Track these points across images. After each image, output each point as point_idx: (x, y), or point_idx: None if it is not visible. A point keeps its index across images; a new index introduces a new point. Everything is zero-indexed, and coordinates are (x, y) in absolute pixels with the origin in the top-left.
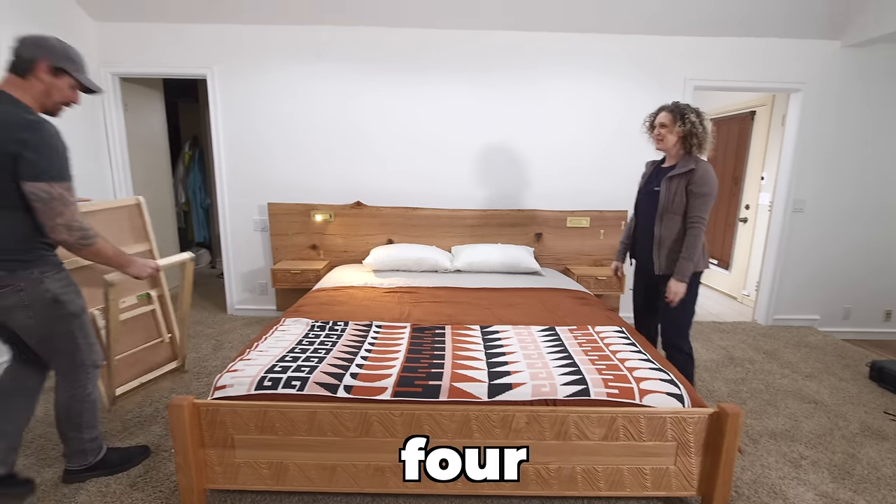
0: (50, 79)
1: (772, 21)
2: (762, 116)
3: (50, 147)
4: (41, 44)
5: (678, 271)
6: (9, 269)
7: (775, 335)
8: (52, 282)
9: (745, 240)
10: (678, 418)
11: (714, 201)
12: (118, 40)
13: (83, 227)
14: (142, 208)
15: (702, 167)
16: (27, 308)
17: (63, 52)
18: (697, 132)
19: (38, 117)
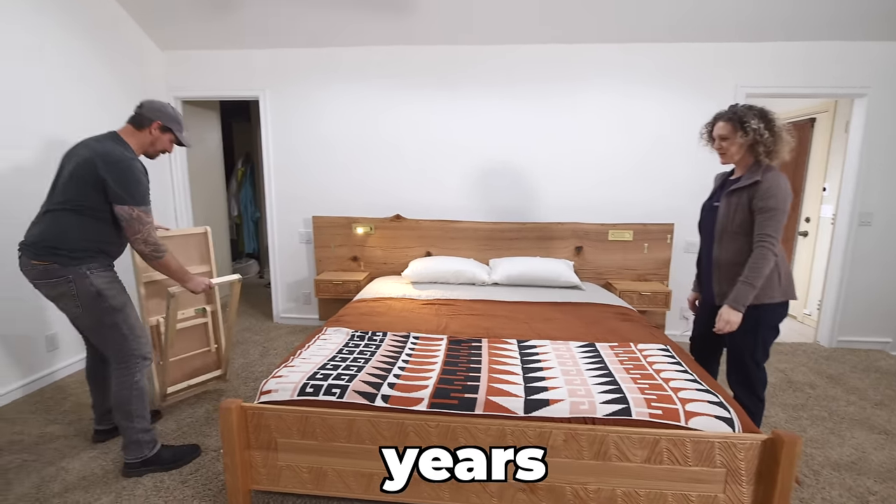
0: (158, 134)
1: (831, 23)
2: (823, 123)
3: (134, 180)
4: (160, 109)
5: (733, 296)
6: (62, 264)
7: (840, 358)
8: (97, 277)
9: (806, 255)
10: (728, 443)
11: (786, 217)
12: (181, 67)
13: (156, 243)
14: (208, 236)
15: (769, 178)
16: (75, 298)
17: (173, 117)
18: (764, 139)
19: (132, 156)
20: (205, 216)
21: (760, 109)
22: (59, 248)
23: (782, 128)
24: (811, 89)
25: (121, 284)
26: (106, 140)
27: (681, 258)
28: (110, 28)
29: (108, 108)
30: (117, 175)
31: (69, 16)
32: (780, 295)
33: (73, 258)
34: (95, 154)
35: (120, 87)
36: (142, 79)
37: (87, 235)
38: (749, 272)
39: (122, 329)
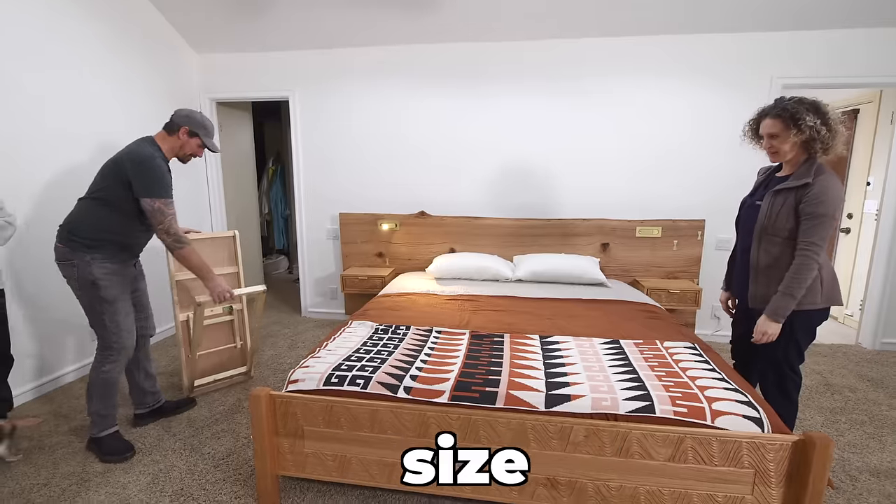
0: (186, 138)
1: (872, 8)
2: (867, 115)
3: (156, 175)
4: (188, 115)
5: (772, 307)
6: (73, 248)
7: (884, 361)
8: (97, 267)
9: (848, 253)
10: (756, 444)
11: (834, 224)
12: (215, 69)
13: (178, 234)
14: (236, 240)
15: (820, 182)
16: (75, 281)
17: (200, 123)
18: (821, 136)
19: (158, 155)
20: (237, 214)
21: (812, 103)
22: (75, 233)
23: (837, 120)
24: (853, 79)
25: (120, 278)
26: (140, 142)
27: (712, 255)
28: (148, 32)
29: (145, 109)
30: (140, 170)
31: (110, 22)
32: (822, 301)
33: (83, 245)
34: (126, 153)
35: (157, 89)
36: (178, 81)
37: (102, 225)
38: (790, 282)
39: (105, 320)
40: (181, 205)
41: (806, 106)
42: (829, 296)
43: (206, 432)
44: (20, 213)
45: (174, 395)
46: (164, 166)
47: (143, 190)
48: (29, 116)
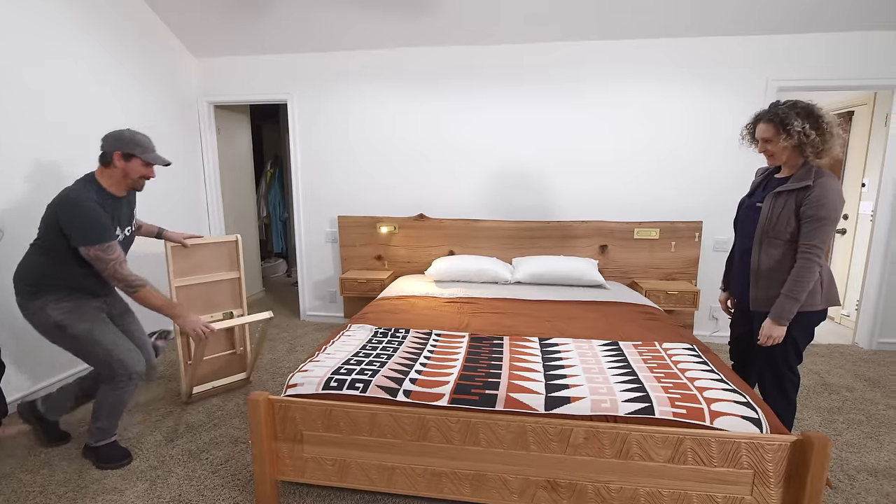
0: (124, 163)
1: (867, 12)
2: (862, 117)
3: (84, 221)
4: (116, 137)
5: (776, 311)
6: (25, 297)
7: (880, 361)
8: (54, 310)
9: (844, 253)
10: (754, 444)
11: (835, 227)
12: (213, 72)
13: (127, 278)
14: (238, 244)
15: (821, 185)
16: (40, 330)
17: (132, 141)
18: (811, 140)
19: (89, 196)
20: (235, 217)
21: (806, 106)
22: (22, 282)
23: (832, 123)
24: (848, 81)
25: (83, 311)
26: (77, 182)
27: (710, 256)
28: (146, 36)
29: (146, 114)
30: (71, 217)
31: (107, 25)
32: (822, 302)
33: (30, 293)
34: (58, 198)
35: (155, 92)
36: (176, 84)
37: (43, 272)
38: (793, 285)
39: (96, 353)
40: (178, 208)
41: (797, 110)
42: (828, 297)
43: (203, 437)
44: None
45: (171, 400)
46: (97, 208)
47: (77, 238)
48: (25, 116)
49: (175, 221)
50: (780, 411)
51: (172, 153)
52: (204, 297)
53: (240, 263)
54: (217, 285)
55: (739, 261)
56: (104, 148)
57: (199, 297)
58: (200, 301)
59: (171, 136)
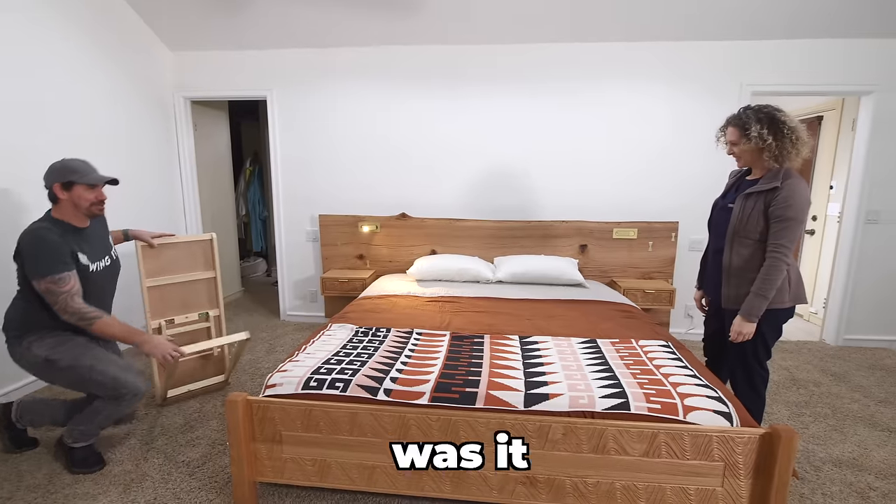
0: (67, 194)
1: (837, 20)
2: (830, 121)
3: (35, 251)
4: (49, 171)
5: (745, 308)
6: (10, 343)
7: (846, 356)
8: (39, 347)
9: (813, 253)
10: (725, 437)
11: (802, 227)
12: (190, 67)
13: (78, 312)
14: (213, 243)
15: (789, 186)
16: (32, 370)
17: (64, 169)
18: (768, 144)
19: (33, 226)
20: (213, 215)
21: (768, 112)
22: (10, 328)
23: (795, 129)
24: (817, 87)
25: (68, 343)
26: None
27: (686, 256)
28: (120, 30)
29: (116, 110)
30: (23, 248)
31: (78, 17)
32: (790, 300)
33: (16, 337)
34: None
35: (130, 88)
36: (149, 79)
37: (23, 316)
38: (761, 283)
39: (96, 377)
40: (153, 206)
41: (760, 115)
42: (796, 295)
43: (180, 440)
44: None
45: (146, 402)
46: (49, 237)
47: (29, 269)
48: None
49: (150, 220)
50: (751, 405)
51: (146, 150)
52: (179, 298)
53: (215, 263)
54: (192, 285)
55: (712, 260)
56: (46, 186)
57: (173, 298)
58: (176, 301)
59: (144, 132)
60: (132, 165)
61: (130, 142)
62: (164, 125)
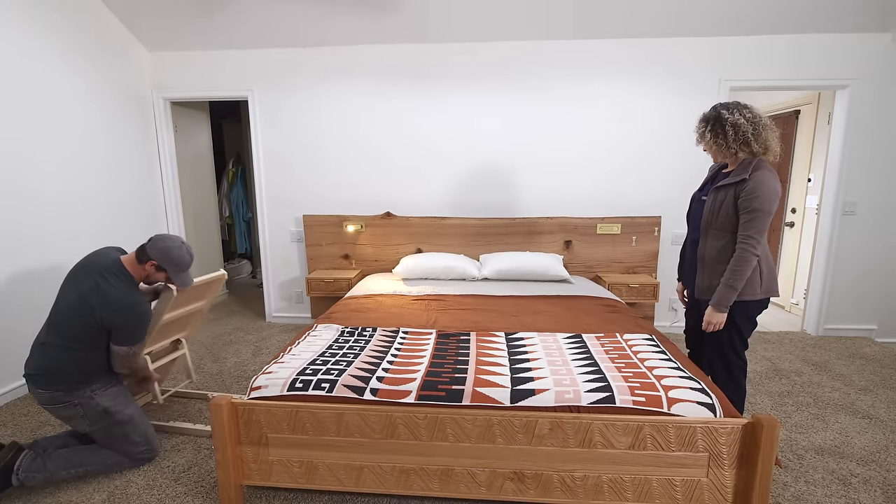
0: (152, 270)
1: (813, 16)
2: (807, 115)
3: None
4: (163, 250)
5: (716, 298)
6: (66, 390)
7: (826, 346)
8: (102, 397)
9: (792, 245)
10: (709, 428)
11: (770, 218)
12: (169, 67)
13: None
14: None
15: (756, 178)
16: (83, 417)
17: (171, 260)
18: (727, 142)
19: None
20: (195, 217)
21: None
22: (60, 378)
23: (740, 125)
24: (793, 82)
25: (126, 396)
26: (110, 275)
27: (669, 250)
28: (95, 29)
29: (93, 110)
30: (126, 321)
31: (53, 16)
32: (761, 292)
33: (75, 384)
34: (98, 297)
35: (106, 88)
36: (127, 80)
37: (85, 367)
38: (730, 274)
39: (133, 437)
40: (133, 208)
41: (709, 114)
42: (768, 287)
43: (164, 445)
44: None
45: None
46: (147, 311)
47: (125, 339)
48: None
49: (130, 223)
50: (731, 395)
51: (124, 151)
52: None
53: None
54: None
55: (690, 252)
56: (148, 250)
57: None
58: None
59: (122, 133)
60: (108, 167)
61: (107, 143)
62: (143, 126)
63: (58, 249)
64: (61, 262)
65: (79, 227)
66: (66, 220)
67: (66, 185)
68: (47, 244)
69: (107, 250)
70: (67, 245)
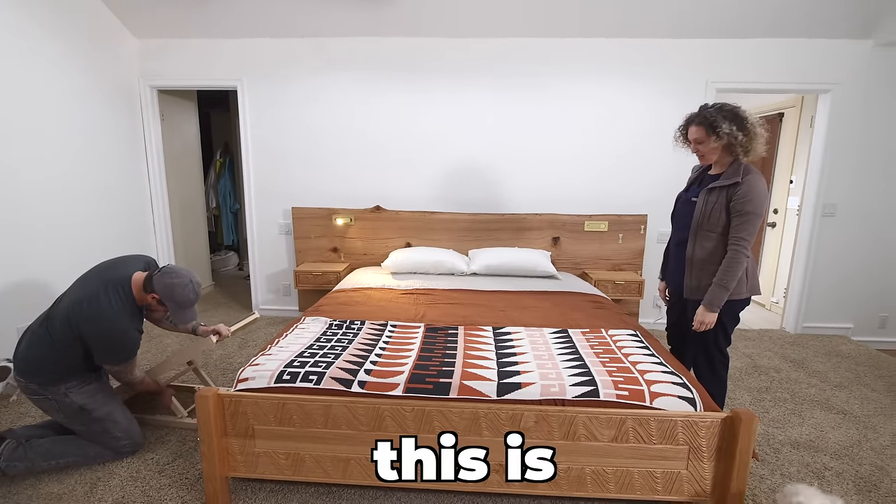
0: (153, 302)
1: (798, 21)
2: (791, 118)
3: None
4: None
5: (708, 298)
6: (41, 384)
7: (804, 344)
8: (77, 395)
9: (774, 245)
10: (689, 422)
11: (760, 220)
12: (157, 55)
13: (132, 382)
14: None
15: (748, 182)
16: (59, 413)
17: (174, 298)
18: (739, 141)
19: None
20: (182, 208)
21: (731, 110)
22: (37, 371)
23: (756, 124)
24: (776, 85)
25: (104, 393)
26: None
27: (654, 248)
28: (81, 14)
29: (78, 95)
30: (107, 345)
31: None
32: (746, 291)
33: (50, 380)
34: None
35: (92, 75)
36: (113, 68)
37: (62, 365)
38: (723, 275)
39: (114, 432)
40: (118, 198)
41: (724, 113)
42: (752, 286)
43: (149, 437)
44: None
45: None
46: (136, 337)
47: (101, 357)
48: None
49: (116, 211)
50: (713, 389)
51: (108, 140)
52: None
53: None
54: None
55: (675, 251)
56: (154, 283)
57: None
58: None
59: (106, 121)
60: (91, 155)
61: (90, 131)
62: (129, 114)
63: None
64: (39, 250)
65: (60, 214)
66: (47, 207)
67: (46, 171)
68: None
69: (132, 260)
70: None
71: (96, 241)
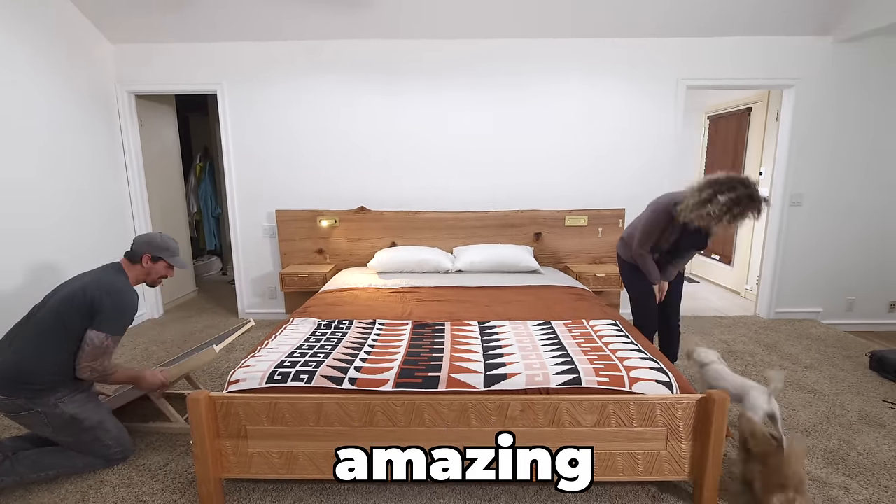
0: (151, 265)
1: (763, 20)
2: (758, 113)
3: (125, 313)
4: (148, 241)
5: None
6: (28, 398)
7: (777, 328)
8: (68, 405)
9: (746, 235)
10: (667, 404)
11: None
12: (133, 60)
13: (104, 371)
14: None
15: None
16: (47, 425)
17: (160, 246)
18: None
19: (124, 287)
20: (163, 213)
21: None
22: (25, 382)
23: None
24: (742, 81)
25: (95, 401)
26: (108, 269)
27: None
28: (55, 21)
29: (53, 103)
30: (112, 304)
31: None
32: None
33: (39, 392)
34: (95, 281)
35: (67, 81)
36: (88, 74)
37: (52, 370)
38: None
39: (105, 441)
40: (97, 205)
41: None
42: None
43: (139, 443)
44: None
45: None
46: (135, 304)
47: (103, 324)
48: None
49: (94, 219)
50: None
51: (88, 145)
52: None
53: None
54: None
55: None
56: (135, 248)
57: None
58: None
59: (83, 127)
60: (69, 162)
61: (67, 137)
62: (106, 120)
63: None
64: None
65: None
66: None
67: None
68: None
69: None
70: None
71: (69, 244)
